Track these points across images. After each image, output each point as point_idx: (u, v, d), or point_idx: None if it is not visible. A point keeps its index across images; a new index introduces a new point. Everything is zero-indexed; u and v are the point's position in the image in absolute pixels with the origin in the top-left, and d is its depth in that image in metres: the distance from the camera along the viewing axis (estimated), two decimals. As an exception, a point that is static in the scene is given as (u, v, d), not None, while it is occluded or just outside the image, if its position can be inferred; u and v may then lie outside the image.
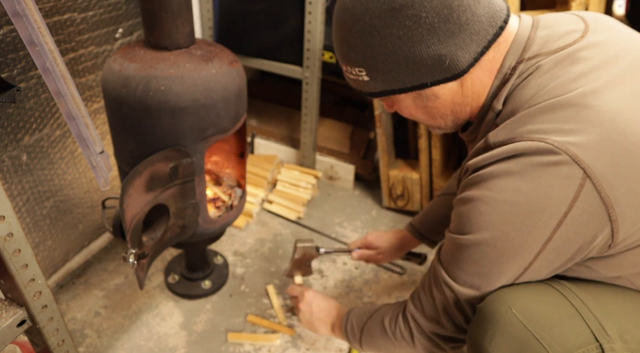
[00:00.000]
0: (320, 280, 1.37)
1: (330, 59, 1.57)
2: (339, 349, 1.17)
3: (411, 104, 0.75)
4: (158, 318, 1.23)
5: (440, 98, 0.72)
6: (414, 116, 0.78)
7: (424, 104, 0.74)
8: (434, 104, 0.73)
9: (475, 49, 0.66)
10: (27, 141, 1.07)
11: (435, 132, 0.85)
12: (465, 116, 0.77)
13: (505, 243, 0.66)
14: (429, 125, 0.81)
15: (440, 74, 0.68)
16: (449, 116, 0.76)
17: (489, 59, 0.69)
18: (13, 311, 0.63)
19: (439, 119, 0.77)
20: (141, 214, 0.93)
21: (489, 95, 0.72)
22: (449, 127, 0.80)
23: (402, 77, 0.69)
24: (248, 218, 1.57)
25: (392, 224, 1.62)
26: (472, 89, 0.72)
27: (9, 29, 0.94)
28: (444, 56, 0.66)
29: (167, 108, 0.89)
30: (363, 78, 0.72)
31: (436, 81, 0.69)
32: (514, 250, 0.66)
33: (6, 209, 0.55)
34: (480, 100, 0.73)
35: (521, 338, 0.65)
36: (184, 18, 0.91)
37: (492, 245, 0.67)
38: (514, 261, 0.67)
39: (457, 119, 0.77)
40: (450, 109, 0.75)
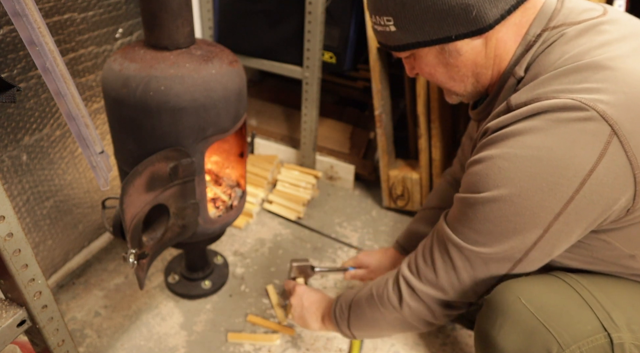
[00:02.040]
0: (320, 280, 1.37)
1: (330, 59, 1.57)
2: (339, 349, 1.17)
3: (433, 60, 0.74)
4: (158, 318, 1.23)
5: (463, 56, 0.71)
6: (434, 76, 0.77)
7: (446, 61, 0.73)
8: (456, 61, 0.72)
9: (503, 5, 0.66)
10: (27, 141, 1.07)
11: (452, 100, 0.82)
12: (485, 81, 0.76)
13: (524, 200, 0.63)
14: (447, 88, 0.80)
15: (466, 26, 0.67)
16: (469, 78, 0.75)
17: (515, 22, 0.69)
18: (13, 311, 0.63)
19: (458, 82, 0.76)
20: (141, 214, 0.93)
21: (512, 61, 0.71)
22: (467, 93, 0.79)
23: (428, 27, 0.68)
24: (248, 218, 1.57)
25: (392, 224, 1.62)
26: (496, 51, 0.71)
27: (9, 29, 0.94)
28: (472, 6, 0.65)
29: (167, 108, 0.89)
30: (390, 28, 0.71)
31: (461, 34, 0.68)
32: (533, 209, 0.63)
33: (6, 209, 0.55)
34: (502, 65, 0.72)
35: (530, 327, 0.65)
36: (184, 18, 0.91)
37: (509, 202, 0.64)
38: (532, 221, 0.64)
39: (477, 83, 0.76)
40: (472, 70, 0.74)
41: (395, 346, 1.18)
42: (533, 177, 0.61)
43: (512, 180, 0.63)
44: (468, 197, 0.69)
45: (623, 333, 0.63)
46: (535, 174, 0.61)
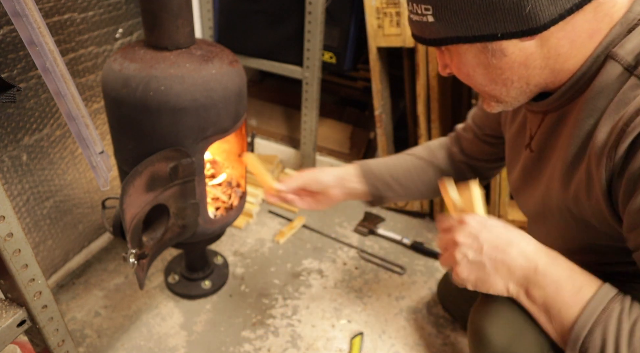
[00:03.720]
0: (320, 280, 1.37)
1: (330, 59, 1.57)
2: (339, 349, 1.17)
3: (472, 59, 0.64)
4: (158, 318, 1.23)
5: (508, 57, 0.61)
6: (472, 78, 0.67)
7: (487, 62, 0.63)
8: (499, 63, 0.62)
9: (564, 3, 0.56)
10: (27, 141, 1.07)
11: (492, 107, 0.71)
12: (539, 82, 0.65)
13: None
14: (487, 92, 0.69)
15: (516, 24, 0.57)
16: (514, 82, 0.65)
17: (584, 19, 0.59)
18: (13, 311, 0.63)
19: (500, 85, 0.66)
20: (141, 214, 0.93)
21: (602, 44, 0.60)
22: (510, 99, 0.68)
23: (471, 21, 0.59)
24: (248, 218, 1.57)
25: (392, 224, 1.62)
26: (558, 50, 0.61)
27: (9, 29, 0.94)
28: (526, 1, 0.55)
29: (167, 108, 0.89)
30: (427, 19, 0.62)
31: (508, 33, 0.59)
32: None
33: (6, 209, 0.55)
34: (571, 63, 0.62)
35: (520, 324, 0.66)
36: (184, 18, 0.91)
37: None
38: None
39: (527, 86, 0.65)
40: (519, 74, 0.63)
41: (396, 346, 1.18)
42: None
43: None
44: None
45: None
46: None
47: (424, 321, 1.26)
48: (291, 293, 1.32)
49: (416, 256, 1.48)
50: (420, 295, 1.34)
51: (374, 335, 1.21)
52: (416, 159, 1.02)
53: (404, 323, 1.25)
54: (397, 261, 1.45)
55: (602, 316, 0.58)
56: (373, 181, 0.99)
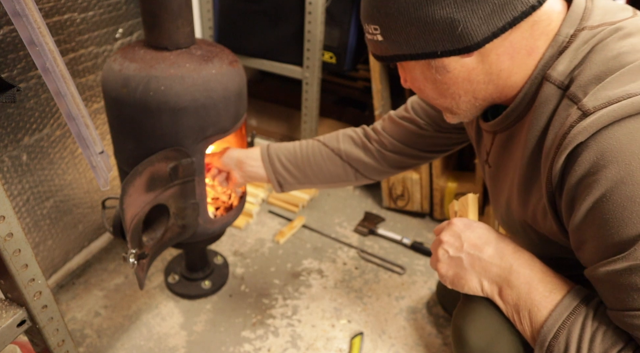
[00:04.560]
0: (320, 280, 1.37)
1: (330, 59, 1.57)
2: (339, 349, 1.17)
3: (420, 75, 0.68)
4: (158, 318, 1.23)
5: (451, 73, 0.65)
6: (423, 91, 0.71)
7: (433, 78, 0.66)
8: (444, 78, 0.66)
9: (496, 22, 0.59)
10: (27, 141, 1.07)
11: (449, 119, 0.74)
12: (486, 97, 0.68)
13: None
14: (439, 105, 0.73)
15: (451, 43, 0.61)
16: (461, 96, 0.68)
17: (522, 37, 0.61)
18: (13, 311, 0.63)
19: (449, 99, 0.69)
20: (141, 214, 0.93)
21: (539, 66, 0.63)
22: (461, 112, 0.71)
23: (412, 40, 0.63)
24: (248, 218, 1.57)
25: (392, 224, 1.62)
26: (500, 65, 0.63)
27: (9, 29, 0.94)
28: (457, 22, 0.59)
29: (167, 108, 0.89)
30: (377, 37, 0.66)
31: (447, 51, 0.62)
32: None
33: (6, 209, 0.55)
34: (514, 80, 0.65)
35: (497, 326, 0.68)
36: (184, 18, 0.91)
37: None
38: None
39: (475, 100, 0.68)
40: (465, 88, 0.66)
41: (396, 346, 1.18)
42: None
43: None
44: (621, 258, 0.52)
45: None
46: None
47: (424, 321, 1.26)
48: (291, 293, 1.32)
49: (416, 256, 1.48)
50: (420, 295, 1.34)
51: (374, 335, 1.21)
52: (324, 147, 1.04)
53: (404, 323, 1.25)
54: (397, 261, 1.45)
55: (567, 321, 0.59)
56: (275, 166, 1.04)
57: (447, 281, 0.72)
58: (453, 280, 0.71)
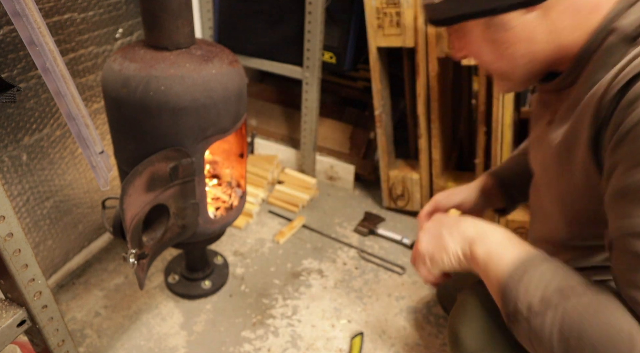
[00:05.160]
0: (320, 280, 1.37)
1: (330, 59, 1.57)
2: (339, 349, 1.17)
3: (479, 36, 0.66)
4: (158, 318, 1.23)
5: (512, 31, 0.63)
6: (480, 56, 0.68)
7: (493, 37, 0.64)
8: (504, 37, 0.64)
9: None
10: (27, 141, 1.07)
11: (503, 87, 0.73)
12: (545, 58, 0.65)
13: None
14: (494, 70, 0.70)
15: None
16: (520, 58, 0.65)
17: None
18: (13, 311, 0.63)
19: (506, 61, 0.67)
20: (141, 214, 0.92)
21: (607, 19, 0.59)
22: (517, 77, 0.69)
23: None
24: (248, 218, 1.57)
25: (392, 224, 1.62)
26: (561, 23, 0.61)
27: (9, 29, 0.94)
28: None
29: (167, 108, 0.89)
30: (435, 0, 0.65)
31: (509, 5, 0.60)
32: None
33: (6, 209, 0.55)
34: (575, 39, 0.62)
35: (492, 328, 0.69)
36: (184, 18, 0.91)
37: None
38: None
39: (533, 62, 0.66)
40: (525, 48, 0.64)
41: (396, 346, 1.18)
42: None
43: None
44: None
45: None
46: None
47: (424, 321, 1.26)
48: (291, 293, 1.32)
49: (416, 256, 1.48)
50: (420, 295, 1.34)
51: (374, 335, 1.21)
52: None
53: (404, 323, 1.25)
54: (397, 261, 1.45)
55: (531, 267, 0.59)
56: (509, 191, 0.99)
57: (427, 258, 0.73)
58: (433, 253, 0.72)
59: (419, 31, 1.34)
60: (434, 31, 1.32)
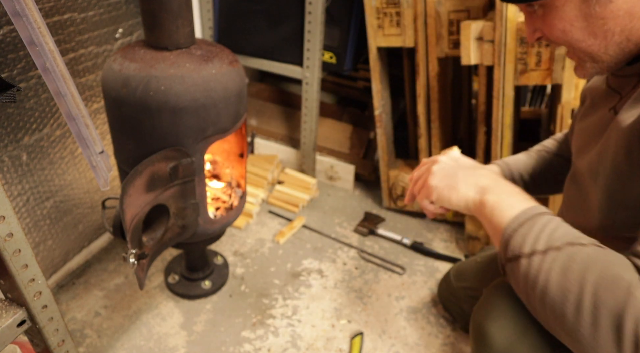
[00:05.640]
0: (320, 280, 1.37)
1: (330, 59, 1.57)
2: (339, 349, 1.17)
3: (572, 11, 0.61)
4: (158, 318, 1.23)
5: (614, 3, 0.57)
6: (568, 34, 0.63)
7: (590, 12, 0.59)
8: (604, 11, 0.59)
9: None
10: (27, 141, 1.07)
11: (585, 71, 0.67)
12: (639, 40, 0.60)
13: None
14: (582, 50, 0.64)
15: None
16: (616, 35, 0.60)
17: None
18: (13, 311, 0.63)
19: (600, 39, 0.62)
20: (141, 214, 0.93)
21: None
22: (607, 57, 0.64)
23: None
24: (248, 218, 1.57)
25: (392, 224, 1.62)
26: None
27: (9, 29, 0.94)
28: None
29: (167, 108, 0.89)
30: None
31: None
32: None
33: (6, 209, 0.55)
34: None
35: (524, 325, 0.65)
36: (184, 18, 0.91)
37: None
38: None
39: (627, 42, 0.61)
40: (622, 25, 0.59)
41: (396, 346, 1.18)
42: None
43: None
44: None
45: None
46: None
47: (424, 321, 1.26)
48: (291, 293, 1.32)
49: (416, 256, 1.48)
50: (420, 295, 1.34)
51: (374, 335, 1.21)
52: (546, 153, 0.99)
53: (404, 323, 1.25)
54: (397, 261, 1.45)
55: (532, 218, 0.61)
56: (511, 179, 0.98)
57: (435, 192, 0.73)
58: (443, 190, 0.73)
59: (419, 31, 1.34)
60: (434, 31, 1.32)
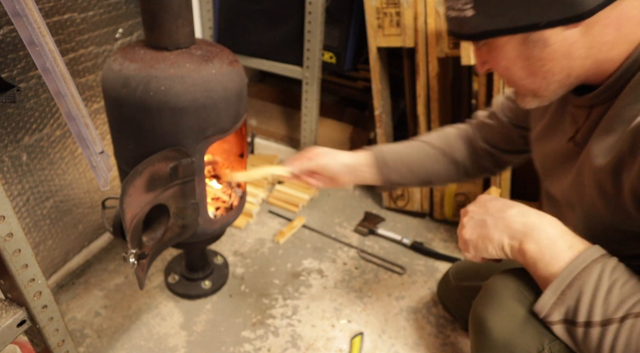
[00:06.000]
0: (320, 280, 1.37)
1: (330, 59, 1.57)
2: (339, 349, 1.17)
3: (512, 52, 0.62)
4: (158, 318, 1.23)
5: (551, 47, 0.59)
6: (510, 71, 0.65)
7: (529, 54, 0.61)
8: (541, 53, 0.60)
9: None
10: (27, 141, 1.07)
11: (527, 103, 0.69)
12: (580, 74, 0.63)
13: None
14: (524, 85, 0.67)
15: (560, 11, 0.55)
16: (555, 74, 0.62)
17: (633, 5, 0.56)
18: (13, 311, 0.63)
19: (540, 78, 0.64)
20: (141, 214, 0.93)
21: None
22: (548, 93, 0.66)
23: (513, 11, 0.58)
24: (248, 218, 1.57)
25: (392, 224, 1.62)
26: (603, 38, 0.58)
27: (9, 29, 0.94)
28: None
29: (167, 108, 0.89)
30: (467, 13, 0.61)
31: (552, 22, 0.57)
32: None
33: (6, 209, 0.55)
34: (616, 54, 0.59)
35: (524, 317, 0.65)
36: (184, 18, 0.91)
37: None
38: None
39: (567, 78, 0.63)
40: (561, 65, 0.61)
41: (396, 346, 1.18)
42: None
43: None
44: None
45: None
46: None
47: (424, 321, 1.26)
48: (291, 293, 1.32)
49: (416, 256, 1.48)
50: (420, 295, 1.34)
51: (374, 335, 1.21)
52: (431, 149, 1.01)
53: (404, 323, 1.25)
54: (397, 261, 1.45)
55: (583, 272, 0.58)
56: (386, 172, 1.00)
57: (471, 246, 0.70)
58: (477, 242, 0.69)
59: (419, 31, 1.34)
60: (434, 31, 1.32)
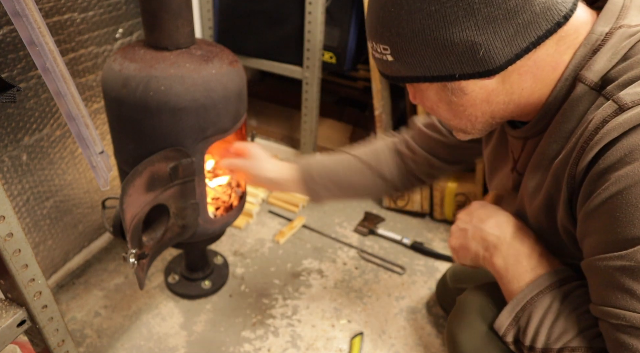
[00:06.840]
0: (320, 280, 1.37)
1: (330, 59, 1.57)
2: (339, 349, 1.17)
3: (434, 96, 0.65)
4: (158, 318, 1.23)
5: (469, 95, 0.61)
6: (436, 112, 0.68)
7: (449, 99, 0.63)
8: (460, 100, 0.62)
9: (519, 44, 0.55)
10: (27, 141, 1.07)
11: (461, 137, 0.72)
12: (505, 115, 0.65)
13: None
14: (452, 126, 0.70)
15: (471, 66, 0.57)
16: (478, 117, 0.65)
17: (546, 54, 0.58)
18: (13, 311, 0.63)
19: (464, 120, 0.66)
20: (141, 214, 0.93)
21: (569, 68, 0.59)
22: (476, 131, 0.69)
23: (427, 62, 0.59)
24: (248, 218, 1.57)
25: (392, 224, 1.62)
26: (521, 85, 0.60)
27: (9, 29, 0.94)
28: (478, 45, 0.55)
29: (167, 108, 0.89)
30: (387, 58, 0.62)
31: (465, 75, 0.58)
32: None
33: (6, 209, 0.55)
34: (537, 96, 0.61)
35: (490, 334, 0.70)
36: (184, 18, 0.91)
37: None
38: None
39: (492, 119, 0.66)
40: (482, 110, 0.63)
41: (396, 346, 1.18)
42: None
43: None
44: (624, 255, 0.51)
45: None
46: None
47: (424, 321, 1.26)
48: (291, 293, 1.32)
49: (416, 256, 1.48)
50: (420, 295, 1.34)
51: (374, 335, 1.21)
52: (359, 163, 1.00)
53: (404, 323, 1.25)
54: (397, 261, 1.45)
55: (536, 297, 0.64)
56: (312, 186, 1.00)
57: (455, 254, 0.77)
58: (459, 251, 0.75)
59: (419, 31, 1.34)
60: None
